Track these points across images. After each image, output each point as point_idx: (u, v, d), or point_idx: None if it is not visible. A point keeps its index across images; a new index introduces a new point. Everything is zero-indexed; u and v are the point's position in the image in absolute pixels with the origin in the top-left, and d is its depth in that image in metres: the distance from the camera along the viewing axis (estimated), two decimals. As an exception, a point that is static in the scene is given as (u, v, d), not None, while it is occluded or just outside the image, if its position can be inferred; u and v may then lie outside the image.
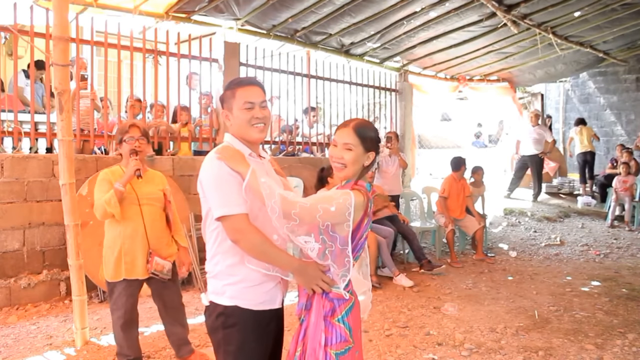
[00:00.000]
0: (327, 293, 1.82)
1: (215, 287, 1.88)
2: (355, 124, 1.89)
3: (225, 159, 1.80)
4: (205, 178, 1.85)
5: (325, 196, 1.79)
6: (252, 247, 1.78)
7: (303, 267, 1.82)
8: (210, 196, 1.82)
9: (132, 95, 5.88)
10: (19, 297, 4.41)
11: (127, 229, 3.01)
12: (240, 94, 1.89)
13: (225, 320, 1.85)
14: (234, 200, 1.77)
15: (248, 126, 1.89)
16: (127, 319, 3.05)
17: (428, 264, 5.75)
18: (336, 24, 6.84)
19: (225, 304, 1.85)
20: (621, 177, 8.66)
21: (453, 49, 8.20)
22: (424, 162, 11.74)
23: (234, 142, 1.93)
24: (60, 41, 3.46)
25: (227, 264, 1.86)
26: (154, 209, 3.12)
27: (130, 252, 3.00)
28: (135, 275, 3.02)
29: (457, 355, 3.52)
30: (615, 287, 5.23)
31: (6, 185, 4.47)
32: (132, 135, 3.09)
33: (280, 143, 7.07)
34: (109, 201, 2.92)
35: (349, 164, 1.86)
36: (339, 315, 1.81)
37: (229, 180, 1.79)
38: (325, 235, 1.77)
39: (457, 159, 6.78)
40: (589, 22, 7.70)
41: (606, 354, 3.53)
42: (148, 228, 3.04)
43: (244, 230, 1.77)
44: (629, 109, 11.46)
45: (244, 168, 1.77)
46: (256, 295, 1.86)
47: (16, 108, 4.95)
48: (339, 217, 1.74)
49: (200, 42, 6.10)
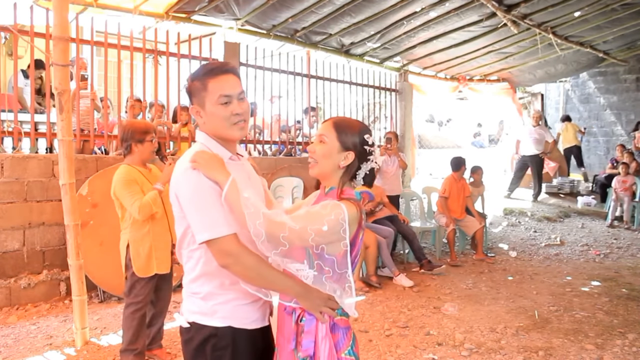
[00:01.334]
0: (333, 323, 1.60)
1: (202, 307, 1.63)
2: (337, 118, 1.72)
3: (201, 168, 1.54)
4: (182, 194, 1.57)
5: (314, 214, 1.54)
6: (247, 272, 1.54)
7: (307, 290, 1.57)
8: (190, 216, 1.56)
9: (132, 95, 5.88)
10: (19, 297, 4.41)
11: (156, 226, 3.15)
12: (214, 87, 1.60)
13: (216, 343, 1.61)
14: (218, 220, 1.52)
15: (227, 125, 1.61)
16: (145, 312, 3.21)
17: (428, 264, 5.75)
18: (336, 24, 6.84)
19: (217, 325, 1.61)
20: (620, 177, 8.66)
21: (453, 49, 8.20)
22: (424, 162, 11.74)
23: (209, 143, 1.66)
24: (60, 41, 3.46)
25: (216, 285, 1.62)
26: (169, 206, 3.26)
27: (161, 247, 3.16)
28: (165, 269, 3.21)
29: (457, 355, 3.52)
30: (615, 287, 5.23)
31: (6, 185, 4.47)
32: (153, 136, 3.23)
33: (280, 143, 7.07)
34: (154, 200, 3.06)
35: (319, 158, 1.65)
36: (348, 348, 1.60)
37: (211, 194, 1.53)
38: (320, 260, 1.57)
39: (457, 159, 6.78)
40: (589, 22, 7.70)
41: (606, 354, 3.53)
42: (171, 222, 3.07)
43: (235, 254, 1.52)
44: (629, 109, 11.46)
45: (223, 177, 1.52)
46: (249, 313, 1.65)
47: (16, 108, 4.95)
48: (333, 235, 1.52)
49: (200, 42, 6.10)
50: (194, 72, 1.69)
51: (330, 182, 1.68)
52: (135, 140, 3.18)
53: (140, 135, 3.17)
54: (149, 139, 3.19)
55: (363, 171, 1.68)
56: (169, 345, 3.59)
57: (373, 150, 1.68)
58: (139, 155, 3.20)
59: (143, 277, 3.13)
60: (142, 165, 3.23)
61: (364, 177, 1.68)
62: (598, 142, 11.96)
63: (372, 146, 1.67)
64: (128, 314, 3.17)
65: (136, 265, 3.12)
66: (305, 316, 1.60)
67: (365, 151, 1.66)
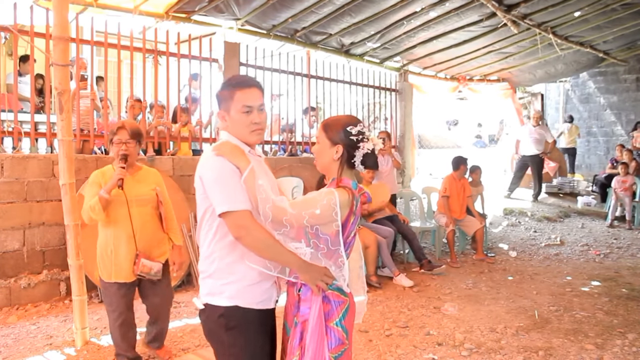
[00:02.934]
0: (325, 295, 1.81)
1: (212, 287, 1.84)
2: (325, 120, 1.95)
3: (224, 154, 1.77)
4: (206, 175, 1.80)
5: (309, 200, 1.79)
6: (256, 243, 1.73)
7: (306, 264, 1.78)
8: (212, 193, 1.78)
9: (132, 95, 5.88)
10: (19, 297, 4.41)
11: (117, 232, 2.98)
12: (239, 97, 1.84)
13: (226, 322, 1.80)
14: (237, 196, 1.74)
15: (247, 131, 1.86)
16: (123, 320, 3.03)
17: (428, 264, 5.75)
18: (336, 24, 6.84)
19: (225, 304, 1.81)
20: (620, 177, 8.66)
21: (453, 49, 8.20)
22: (424, 162, 11.74)
23: (232, 139, 1.89)
24: (60, 41, 3.46)
25: (225, 263, 1.82)
26: (144, 210, 3.05)
27: (119, 255, 2.97)
28: (124, 278, 2.99)
29: (457, 355, 3.52)
30: (615, 287, 5.23)
31: (6, 185, 4.47)
32: (120, 137, 3.00)
33: (280, 143, 7.07)
34: (93, 207, 2.88)
35: (317, 156, 1.92)
36: (337, 319, 1.80)
37: (232, 176, 1.75)
38: (314, 239, 1.78)
39: (457, 158, 6.77)
40: (589, 22, 7.70)
41: (606, 354, 3.53)
42: (137, 230, 2.98)
43: (248, 227, 1.73)
44: (629, 109, 11.46)
45: (244, 163, 1.76)
46: (255, 294, 1.83)
47: (16, 108, 4.95)
48: (326, 218, 1.75)
49: (200, 42, 6.10)
50: (224, 82, 1.94)
51: (331, 173, 1.91)
52: (109, 140, 3.07)
53: (109, 135, 3.07)
54: (116, 141, 3.00)
55: (358, 158, 1.87)
56: (170, 345, 3.59)
57: (361, 138, 1.86)
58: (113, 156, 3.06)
59: (108, 281, 3.01)
60: None
61: (364, 161, 1.88)
62: (598, 142, 11.97)
63: (358, 134, 1.86)
64: (110, 320, 3.08)
65: (100, 269, 3.04)
66: (302, 287, 1.84)
67: (353, 141, 1.86)
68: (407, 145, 9.04)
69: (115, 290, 3.00)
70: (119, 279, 2.98)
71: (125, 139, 2.99)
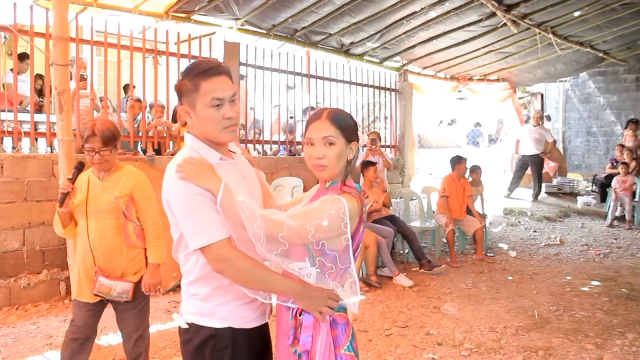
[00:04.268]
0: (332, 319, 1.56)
1: (202, 308, 1.61)
2: (328, 112, 1.59)
3: (190, 178, 1.50)
4: (174, 203, 1.55)
5: (313, 210, 1.51)
6: (242, 275, 1.52)
7: (306, 290, 1.54)
8: (183, 225, 1.54)
9: (132, 95, 5.88)
10: (19, 297, 4.41)
11: (78, 247, 2.68)
12: (206, 89, 1.54)
13: (216, 344, 1.60)
14: (211, 225, 1.50)
15: (218, 128, 1.57)
16: (80, 336, 2.67)
17: (428, 264, 5.75)
18: (336, 24, 6.84)
19: (217, 326, 1.60)
20: (620, 177, 8.66)
21: (453, 49, 8.20)
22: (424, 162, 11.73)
23: (198, 146, 1.62)
24: (60, 41, 3.46)
25: (214, 286, 1.60)
26: (104, 222, 2.61)
27: (81, 272, 2.65)
28: (84, 298, 2.65)
29: (457, 355, 3.52)
30: (615, 287, 5.23)
31: (6, 185, 4.47)
32: (92, 146, 2.56)
33: (281, 143, 7.07)
34: (55, 222, 2.66)
35: (332, 162, 1.56)
36: (347, 344, 1.56)
37: (201, 202, 1.50)
38: (320, 257, 1.52)
39: (455, 157, 6.76)
40: (589, 22, 7.70)
41: (606, 354, 3.52)
42: (94, 245, 2.60)
43: (229, 259, 1.50)
44: (629, 109, 11.46)
45: (215, 184, 1.49)
46: (248, 313, 1.64)
47: (16, 108, 4.95)
48: (334, 231, 1.49)
49: (200, 42, 6.10)
50: (186, 70, 1.61)
51: (336, 177, 1.60)
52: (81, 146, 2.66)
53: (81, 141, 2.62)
54: (87, 149, 2.58)
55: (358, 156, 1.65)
56: (169, 345, 3.59)
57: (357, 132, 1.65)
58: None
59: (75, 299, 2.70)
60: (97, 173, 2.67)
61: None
62: (598, 142, 11.96)
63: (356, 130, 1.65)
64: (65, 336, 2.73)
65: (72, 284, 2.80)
66: (304, 312, 1.57)
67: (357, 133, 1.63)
68: (407, 145, 9.04)
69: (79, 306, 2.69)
70: (80, 298, 2.66)
71: (98, 147, 2.56)
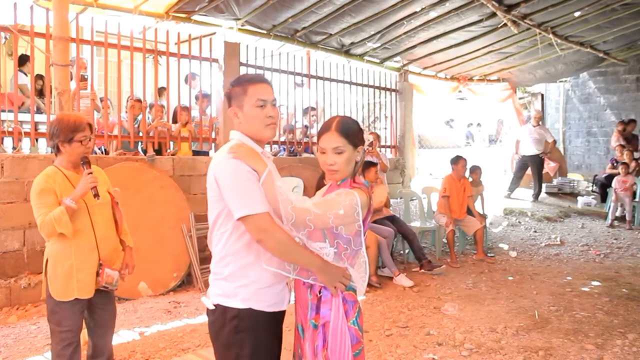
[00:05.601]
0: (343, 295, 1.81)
1: (226, 289, 1.83)
2: (336, 124, 1.88)
3: (242, 158, 1.76)
4: (223, 177, 1.78)
5: (331, 200, 1.79)
6: (278, 245, 1.73)
7: (326, 265, 1.78)
8: (230, 196, 1.76)
9: (132, 95, 5.88)
10: (19, 297, 4.40)
11: (79, 243, 2.58)
12: (253, 91, 1.84)
13: (238, 324, 1.80)
14: (256, 199, 1.73)
15: (262, 125, 1.85)
16: (73, 340, 2.63)
17: (428, 264, 5.75)
18: (336, 24, 6.84)
19: (239, 306, 1.80)
20: (621, 177, 8.66)
21: (453, 49, 8.20)
22: (424, 162, 11.73)
23: (244, 139, 1.88)
24: (60, 41, 3.46)
25: (239, 265, 1.82)
26: (104, 215, 2.70)
27: (82, 269, 2.58)
28: (87, 294, 2.61)
29: (457, 355, 3.52)
30: (615, 287, 5.23)
31: (6, 185, 4.48)
32: (86, 134, 2.60)
33: (281, 143, 7.07)
34: (59, 220, 2.47)
35: (342, 166, 1.87)
36: (353, 318, 1.81)
37: (249, 179, 1.75)
38: (339, 239, 1.79)
39: (455, 157, 6.77)
40: (589, 22, 7.70)
41: (606, 354, 3.53)
42: (99, 239, 2.63)
43: (269, 229, 1.73)
44: (629, 109, 11.45)
45: (261, 166, 1.76)
46: (268, 296, 1.84)
47: (16, 108, 4.95)
48: (349, 218, 1.77)
49: (200, 42, 6.10)
50: (235, 80, 1.92)
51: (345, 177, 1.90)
52: (62, 138, 2.59)
53: (68, 133, 2.58)
54: (79, 139, 2.59)
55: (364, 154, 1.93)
56: (169, 345, 3.60)
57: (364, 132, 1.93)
58: (67, 156, 2.63)
59: (61, 300, 2.57)
60: (72, 169, 2.65)
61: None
62: (598, 142, 11.96)
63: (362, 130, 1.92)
64: (55, 341, 2.62)
65: (52, 287, 2.57)
66: (323, 289, 1.82)
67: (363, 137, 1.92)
68: (407, 145, 9.04)
69: (70, 308, 2.59)
70: (83, 295, 2.60)
71: (90, 135, 2.64)
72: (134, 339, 3.72)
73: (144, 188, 5.01)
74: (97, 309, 2.73)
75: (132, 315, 4.25)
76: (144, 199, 4.97)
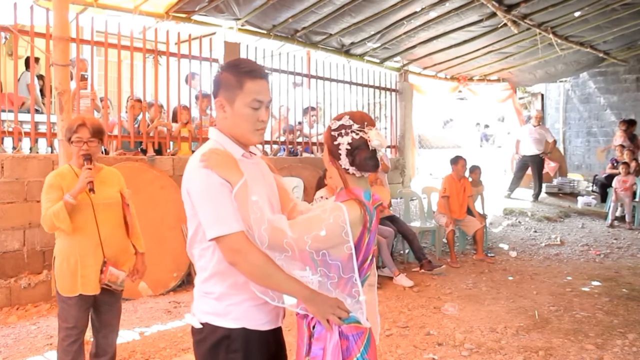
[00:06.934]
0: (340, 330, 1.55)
1: (216, 308, 1.61)
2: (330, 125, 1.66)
3: (213, 167, 1.52)
4: (194, 190, 1.56)
5: (312, 219, 1.52)
6: (254, 269, 1.51)
7: (314, 294, 1.53)
8: (201, 212, 1.55)
9: (132, 95, 5.88)
10: (19, 297, 4.41)
11: (82, 240, 2.66)
12: (250, 88, 1.58)
13: (229, 345, 1.60)
14: (229, 216, 1.50)
15: (251, 128, 1.61)
16: (80, 341, 2.69)
17: (428, 264, 5.75)
18: (336, 24, 6.84)
19: (231, 326, 1.60)
20: (621, 177, 8.66)
21: (453, 49, 8.20)
22: (424, 162, 11.74)
23: (222, 140, 1.64)
24: (60, 41, 3.46)
25: (229, 284, 1.60)
26: (111, 214, 2.76)
27: (86, 265, 2.65)
28: (92, 291, 2.67)
29: (457, 355, 3.52)
30: (615, 287, 5.23)
31: (6, 185, 4.48)
32: (80, 136, 2.66)
33: (281, 143, 7.07)
34: (57, 214, 2.55)
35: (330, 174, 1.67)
36: (358, 354, 1.56)
37: (222, 192, 1.52)
38: (322, 266, 1.53)
39: (453, 157, 6.77)
40: (589, 22, 7.70)
41: (606, 354, 3.52)
42: (103, 237, 2.69)
43: (243, 251, 1.50)
44: (629, 109, 11.45)
45: (236, 177, 1.51)
46: (262, 314, 1.64)
47: (16, 108, 4.95)
48: (334, 239, 1.49)
49: (201, 42, 6.10)
50: (229, 63, 1.64)
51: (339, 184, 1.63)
52: (67, 138, 2.72)
53: (68, 132, 2.71)
54: (74, 140, 2.66)
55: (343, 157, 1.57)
56: (169, 345, 3.60)
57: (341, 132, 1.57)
58: (73, 155, 2.74)
59: (68, 296, 2.65)
60: (80, 167, 2.71)
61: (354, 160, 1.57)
62: (598, 142, 11.95)
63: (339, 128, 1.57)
64: (61, 343, 2.68)
65: (59, 283, 2.66)
66: (317, 324, 1.58)
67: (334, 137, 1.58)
68: (407, 145, 9.05)
69: (76, 303, 2.65)
70: (86, 292, 2.66)
71: (87, 137, 2.66)
72: (134, 339, 3.72)
73: (144, 188, 5.01)
74: (103, 308, 2.78)
75: (132, 315, 4.25)
76: (144, 199, 4.96)
